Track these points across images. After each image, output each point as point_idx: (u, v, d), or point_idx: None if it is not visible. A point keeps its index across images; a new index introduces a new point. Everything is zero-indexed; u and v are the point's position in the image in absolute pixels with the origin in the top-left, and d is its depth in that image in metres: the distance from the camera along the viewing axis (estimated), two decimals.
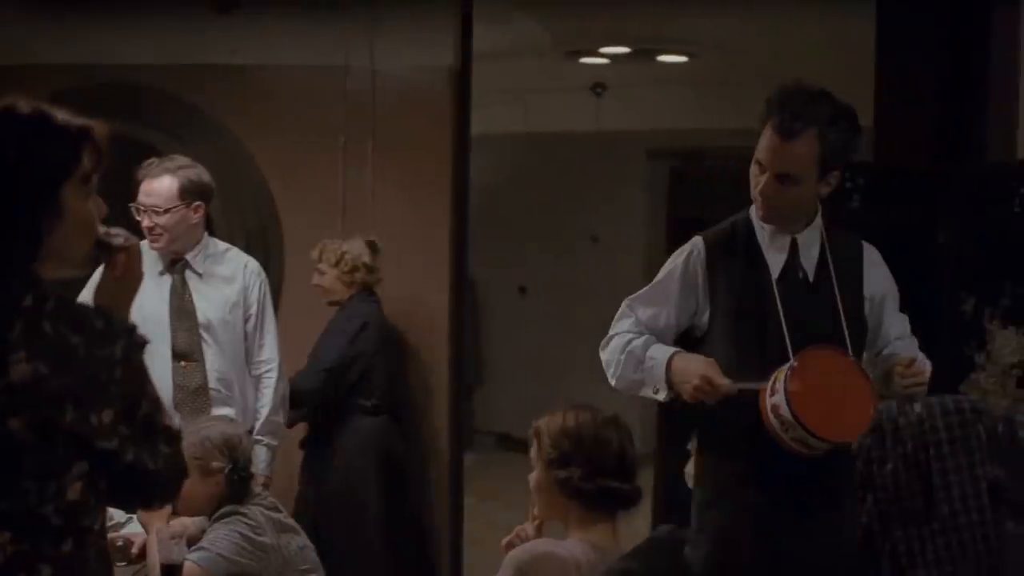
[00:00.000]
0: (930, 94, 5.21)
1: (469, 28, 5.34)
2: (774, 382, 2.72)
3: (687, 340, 2.96)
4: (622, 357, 2.91)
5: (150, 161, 3.89)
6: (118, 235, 2.04)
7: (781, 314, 2.81)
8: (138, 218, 3.77)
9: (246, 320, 4.00)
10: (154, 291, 3.78)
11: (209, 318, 3.88)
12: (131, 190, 3.88)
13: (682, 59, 7.09)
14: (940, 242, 4.70)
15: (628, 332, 2.95)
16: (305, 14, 5.26)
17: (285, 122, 5.27)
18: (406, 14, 5.29)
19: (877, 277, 2.97)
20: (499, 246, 8.87)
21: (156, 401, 1.98)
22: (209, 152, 4.94)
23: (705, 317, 2.91)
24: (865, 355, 2.95)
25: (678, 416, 3.07)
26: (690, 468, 5.04)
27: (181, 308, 3.85)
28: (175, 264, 3.91)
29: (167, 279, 3.88)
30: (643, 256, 8.98)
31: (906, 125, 5.30)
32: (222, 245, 4.05)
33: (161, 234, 3.80)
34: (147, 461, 1.94)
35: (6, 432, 1.86)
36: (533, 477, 2.84)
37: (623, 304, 3.02)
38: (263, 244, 5.23)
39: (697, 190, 8.44)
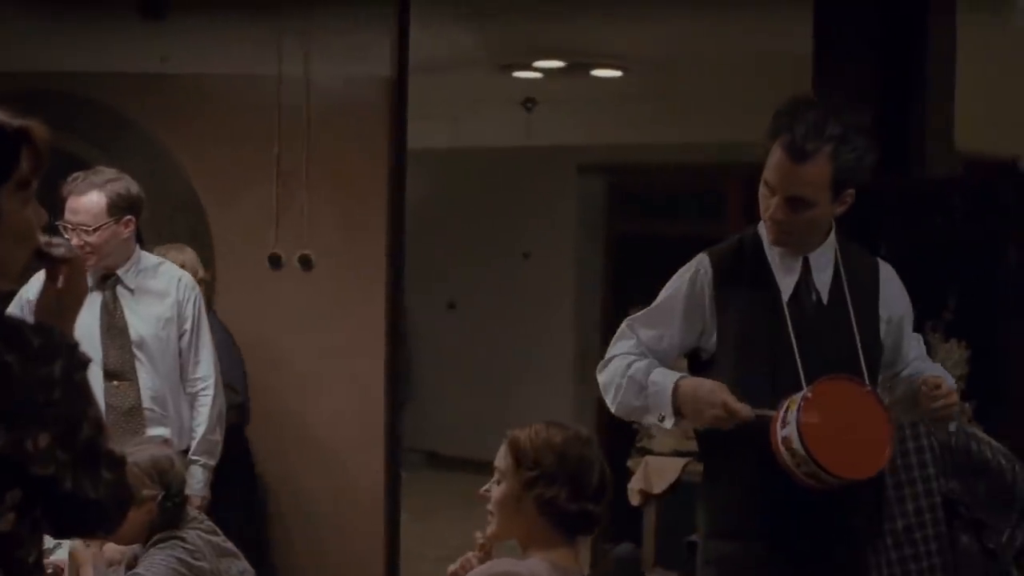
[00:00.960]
0: (868, 105, 5.23)
1: (406, 38, 5.24)
2: (785, 412, 2.60)
3: (694, 363, 2.83)
4: (623, 381, 2.75)
5: (75, 176, 3.72)
6: (60, 245, 1.91)
7: (792, 338, 2.67)
8: (66, 236, 3.61)
9: (180, 336, 3.85)
10: (84, 308, 3.60)
11: (142, 335, 3.73)
12: (55, 204, 3.72)
13: (616, 73, 7.05)
14: (882, 255, 4.71)
15: (628, 354, 2.79)
16: (238, 22, 5.13)
17: (216, 132, 5.13)
18: (341, 23, 5.18)
19: (893, 296, 2.83)
20: (427, 262, 8.77)
21: (98, 424, 1.84)
22: (137, 163, 4.80)
23: (712, 340, 2.75)
24: (881, 377, 2.83)
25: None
26: (634, 484, 5.01)
27: (112, 325, 3.70)
28: (106, 280, 3.76)
29: (97, 296, 3.71)
30: (574, 271, 8.94)
31: None
32: (154, 259, 3.91)
33: (92, 253, 3.63)
34: (87, 489, 1.79)
35: None
36: (499, 491, 2.59)
37: (623, 323, 2.87)
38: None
39: (634, 205, 8.48)
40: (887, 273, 2.84)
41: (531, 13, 6.18)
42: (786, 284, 2.72)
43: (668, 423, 2.71)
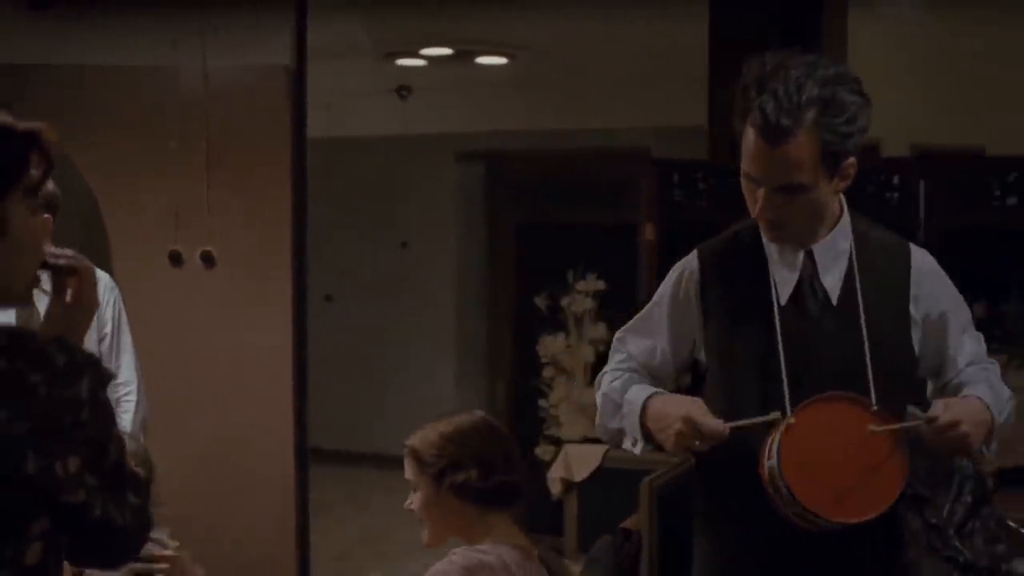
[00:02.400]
0: None
1: (304, 26, 5.13)
2: (771, 441, 2.18)
3: (696, 380, 2.53)
4: (600, 401, 2.43)
5: None
6: (67, 256, 1.81)
7: (780, 350, 2.23)
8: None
9: (100, 340, 3.69)
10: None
11: None
12: None
13: (501, 61, 7.03)
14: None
15: (615, 370, 2.44)
16: (132, 12, 4.93)
17: (110, 126, 4.92)
18: (238, 12, 5.03)
19: (931, 290, 2.33)
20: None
21: (122, 445, 1.75)
22: None
23: (703, 353, 2.39)
24: (931, 389, 2.41)
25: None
26: (554, 473, 5.01)
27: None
28: None
29: None
30: (455, 260, 8.90)
31: None
32: None
33: None
34: (115, 516, 1.69)
35: None
36: (418, 499, 2.63)
37: (616, 336, 2.52)
38: (89, 258, 4.86)
39: (514, 192, 8.47)
40: (923, 262, 2.35)
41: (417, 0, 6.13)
42: (786, 284, 2.29)
43: (637, 448, 2.34)
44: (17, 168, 1.72)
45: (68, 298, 1.80)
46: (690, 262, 2.40)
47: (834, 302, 2.29)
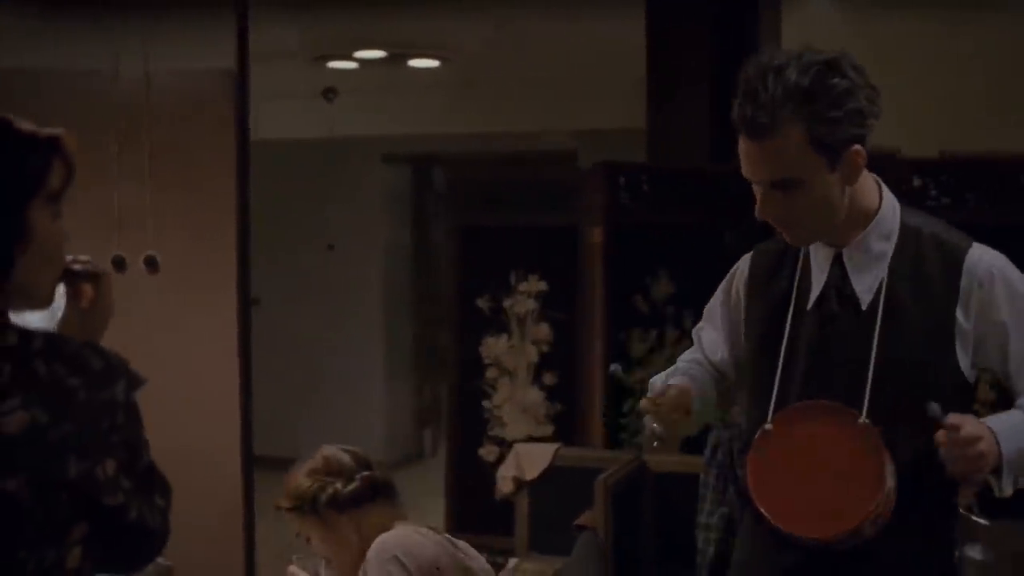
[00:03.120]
0: (702, 93, 5.41)
1: (246, 29, 5.10)
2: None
3: None
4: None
5: None
6: (84, 261, 1.82)
7: (781, 357, 2.16)
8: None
9: None
10: None
11: None
12: None
13: (434, 63, 7.06)
14: (727, 243, 4.88)
15: (681, 359, 2.43)
16: (70, 15, 4.87)
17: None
18: (179, 16, 5.00)
19: (988, 296, 2.12)
20: None
21: (149, 448, 1.77)
22: None
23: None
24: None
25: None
26: (504, 471, 5.04)
27: None
28: None
29: None
30: (382, 263, 8.89)
31: (680, 125, 5.48)
32: None
33: None
34: (147, 518, 1.72)
35: (1, 494, 1.60)
36: (317, 544, 2.75)
37: (694, 329, 2.49)
38: None
39: (447, 194, 8.49)
40: (981, 264, 2.13)
41: (349, 2, 6.13)
42: (817, 288, 2.19)
43: (656, 441, 2.18)
44: (40, 175, 1.73)
45: (84, 303, 1.80)
46: (743, 261, 2.35)
47: (863, 307, 2.14)
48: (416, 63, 7.07)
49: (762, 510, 2.05)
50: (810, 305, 2.19)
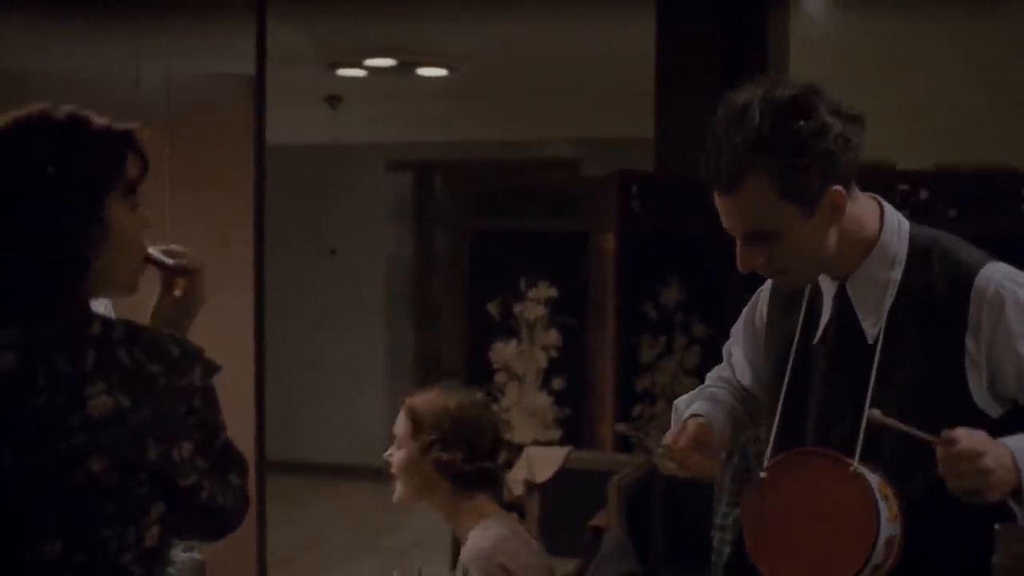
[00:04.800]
0: (711, 102, 5.49)
1: (264, 36, 5.18)
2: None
3: None
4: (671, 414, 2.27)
5: None
6: (179, 254, 1.89)
7: (782, 395, 2.05)
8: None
9: None
10: None
11: None
12: None
13: (441, 72, 7.14)
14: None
15: (711, 375, 2.34)
16: (91, 17, 4.93)
17: None
18: (199, 21, 5.06)
19: (997, 321, 1.92)
20: None
21: (225, 429, 1.85)
22: None
23: None
24: None
25: None
26: (516, 474, 5.12)
27: None
28: None
29: None
30: (384, 269, 8.96)
31: (688, 133, 5.55)
32: None
33: None
34: (219, 496, 1.80)
35: (86, 475, 1.68)
36: (398, 457, 2.73)
37: (724, 345, 2.38)
38: None
39: (449, 200, 8.57)
40: (991, 287, 1.93)
41: (361, 11, 6.20)
42: (824, 321, 2.06)
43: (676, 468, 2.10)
44: (116, 169, 1.79)
45: (177, 292, 1.87)
46: (768, 284, 2.19)
47: (869, 340, 1.98)
48: (424, 72, 7.15)
49: (755, 564, 1.96)
50: (816, 339, 2.05)
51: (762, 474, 1.97)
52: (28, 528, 1.66)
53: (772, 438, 2.05)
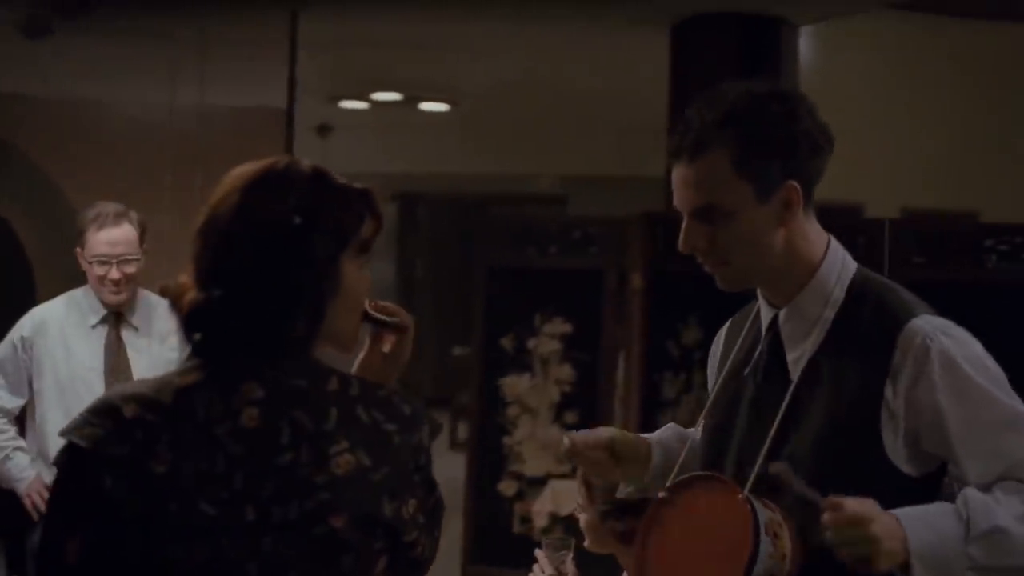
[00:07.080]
0: None
1: (295, 70, 5.24)
2: None
3: None
4: None
5: (97, 209, 3.56)
6: (391, 310, 1.91)
7: (705, 428, 2.05)
8: (99, 272, 3.46)
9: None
10: (85, 346, 3.46)
11: (145, 377, 3.56)
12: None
13: (443, 107, 7.21)
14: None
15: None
16: (129, 47, 4.95)
17: (106, 160, 4.93)
18: (234, 52, 5.10)
19: (919, 375, 1.84)
20: None
21: (438, 486, 1.89)
22: (17, 190, 4.55)
23: None
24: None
25: None
26: (540, 507, 5.19)
27: (116, 366, 3.53)
28: (112, 318, 3.59)
29: (100, 333, 3.55)
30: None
31: None
32: (154, 297, 3.72)
33: (127, 283, 3.51)
34: (427, 551, 1.80)
35: (327, 532, 1.68)
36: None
37: None
38: None
39: (428, 232, 8.63)
40: (916, 339, 1.85)
41: (370, 46, 6.26)
42: (760, 350, 1.99)
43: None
44: (355, 226, 1.78)
45: (386, 348, 1.90)
46: (728, 321, 2.14)
47: (792, 377, 1.93)
48: (426, 106, 7.21)
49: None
50: (747, 371, 2.00)
51: (661, 494, 1.92)
52: None
53: (680, 459, 2.04)
